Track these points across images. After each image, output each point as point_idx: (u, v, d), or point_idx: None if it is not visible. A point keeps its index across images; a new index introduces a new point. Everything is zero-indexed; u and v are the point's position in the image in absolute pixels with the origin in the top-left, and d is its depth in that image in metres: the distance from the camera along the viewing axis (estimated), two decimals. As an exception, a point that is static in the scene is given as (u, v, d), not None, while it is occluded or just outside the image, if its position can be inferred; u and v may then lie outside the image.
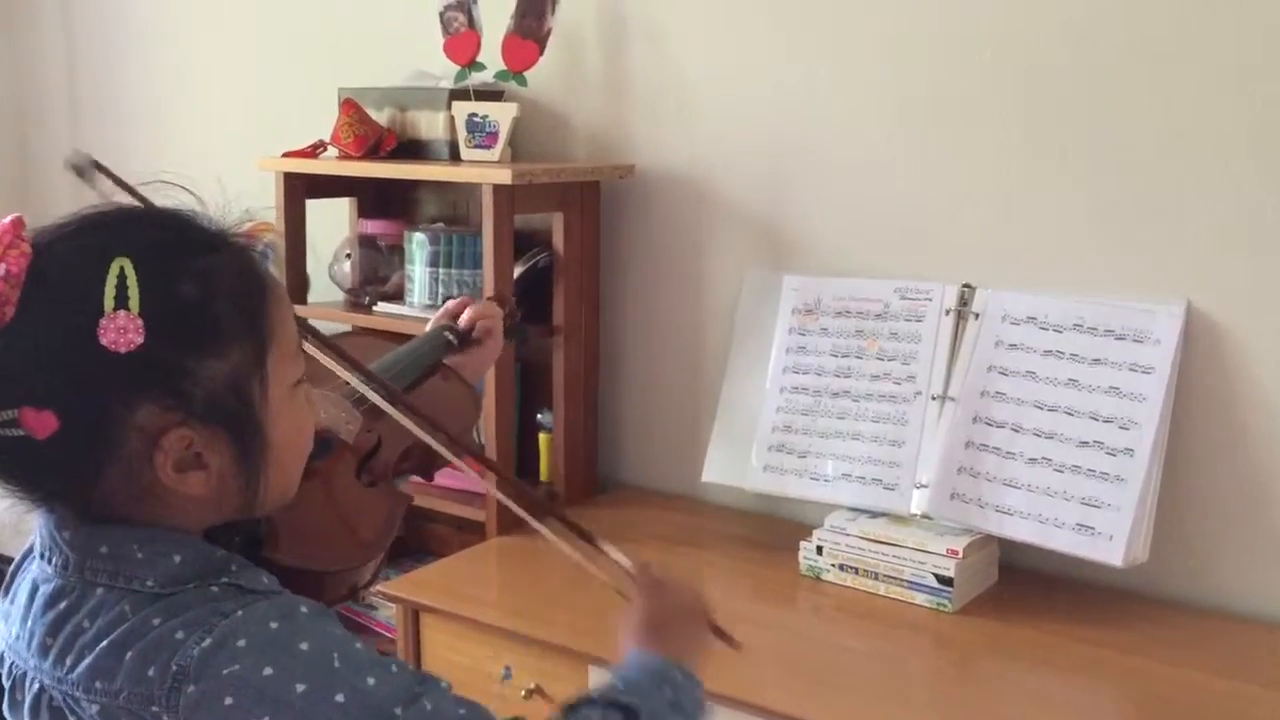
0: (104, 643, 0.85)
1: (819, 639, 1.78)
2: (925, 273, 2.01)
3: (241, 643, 0.83)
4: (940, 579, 1.81)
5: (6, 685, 0.93)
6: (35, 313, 0.83)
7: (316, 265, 2.45)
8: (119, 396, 0.84)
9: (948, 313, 1.96)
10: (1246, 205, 1.77)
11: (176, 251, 0.87)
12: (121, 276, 0.83)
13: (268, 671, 0.82)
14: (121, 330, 0.83)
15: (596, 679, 1.67)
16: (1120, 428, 1.78)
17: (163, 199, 0.92)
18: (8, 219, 0.85)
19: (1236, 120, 1.76)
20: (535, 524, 1.26)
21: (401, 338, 1.50)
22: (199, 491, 0.89)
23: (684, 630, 1.13)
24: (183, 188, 0.92)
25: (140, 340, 0.83)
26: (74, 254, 0.85)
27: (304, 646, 0.84)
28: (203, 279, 0.87)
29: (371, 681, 0.84)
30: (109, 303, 0.83)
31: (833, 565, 1.91)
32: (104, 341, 0.82)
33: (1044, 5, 1.88)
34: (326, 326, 2.25)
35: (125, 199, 0.93)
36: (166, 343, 0.84)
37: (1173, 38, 1.79)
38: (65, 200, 0.91)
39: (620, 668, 1.05)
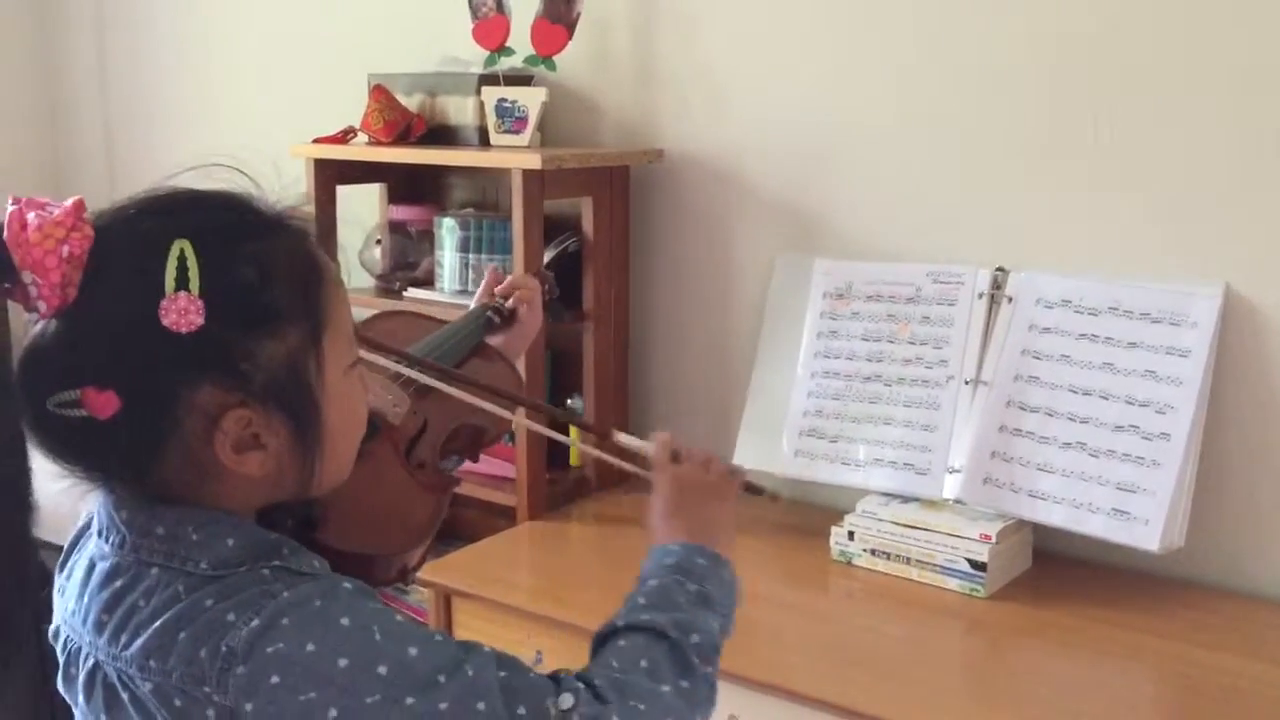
0: (158, 623, 0.86)
1: (851, 624, 1.78)
2: (958, 256, 1.99)
3: (286, 621, 0.84)
4: (973, 564, 1.80)
5: (61, 660, 0.94)
6: (97, 294, 0.85)
7: (347, 252, 2.46)
8: (180, 377, 0.85)
9: (980, 296, 1.95)
10: (1285, 187, 1.75)
11: (235, 234, 0.88)
12: (182, 258, 0.84)
13: (310, 648, 0.83)
14: (183, 311, 0.84)
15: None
16: (1156, 412, 1.76)
17: (217, 182, 0.92)
18: (69, 201, 0.86)
19: (1275, 98, 1.73)
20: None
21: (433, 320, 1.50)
22: (257, 472, 0.90)
23: (705, 503, 1.10)
24: (238, 170, 0.92)
25: (201, 321, 0.84)
26: (135, 236, 0.86)
27: (345, 622, 0.84)
28: (261, 261, 0.88)
29: (414, 652, 0.85)
30: (170, 284, 0.84)
31: (865, 550, 1.90)
32: (165, 322, 0.83)
33: (1079, -14, 1.86)
34: (357, 313, 2.26)
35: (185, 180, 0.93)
36: (226, 324, 0.85)
37: (1211, 15, 1.77)
38: (98, 193, 0.91)
39: (642, 572, 1.03)
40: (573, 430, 2.30)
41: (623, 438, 1.21)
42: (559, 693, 0.88)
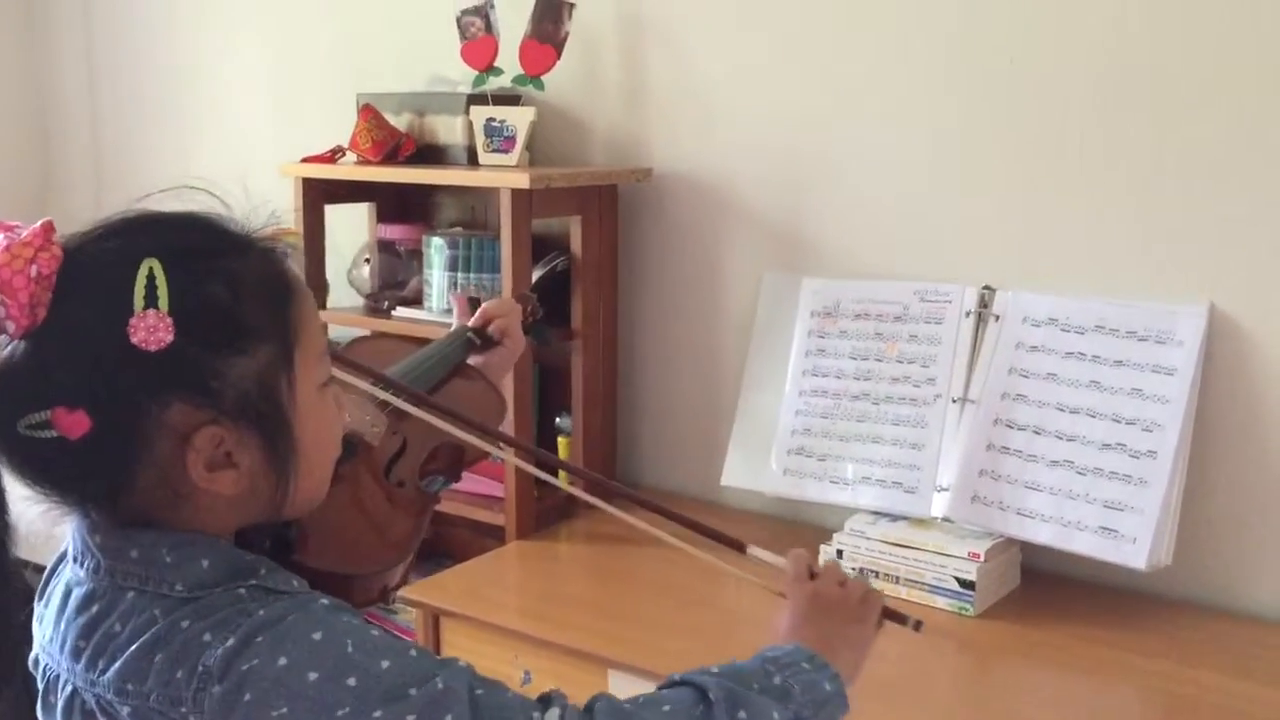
0: (135, 646, 0.85)
1: (840, 643, 1.77)
2: (945, 275, 2.00)
3: (260, 639, 0.84)
4: (961, 582, 1.80)
5: (40, 687, 0.94)
6: (67, 313, 0.85)
7: (335, 271, 2.46)
8: (150, 395, 0.85)
9: (968, 315, 1.95)
10: (1270, 205, 1.76)
11: (204, 253, 0.89)
12: (151, 277, 0.84)
13: (282, 662, 0.83)
14: (151, 329, 0.84)
15: (615, 683, 1.67)
16: (1143, 430, 1.77)
17: (188, 203, 0.93)
18: (38, 223, 0.86)
19: (1259, 119, 1.75)
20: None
21: (420, 342, 1.50)
22: (230, 491, 0.89)
23: (840, 622, 1.08)
24: (208, 192, 0.93)
25: (170, 339, 0.84)
26: (104, 255, 0.87)
27: (317, 636, 0.84)
28: (230, 279, 0.88)
29: (385, 664, 0.84)
30: (139, 302, 0.84)
31: (853, 569, 1.90)
32: (134, 340, 0.83)
33: (1063, 8, 1.87)
34: (345, 332, 2.26)
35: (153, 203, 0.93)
36: (195, 341, 0.85)
37: (1192, 38, 1.78)
38: (86, 208, 0.92)
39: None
40: (562, 443, 2.31)
41: (757, 552, 1.18)
42: (545, 709, 0.88)
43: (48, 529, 0.92)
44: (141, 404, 0.85)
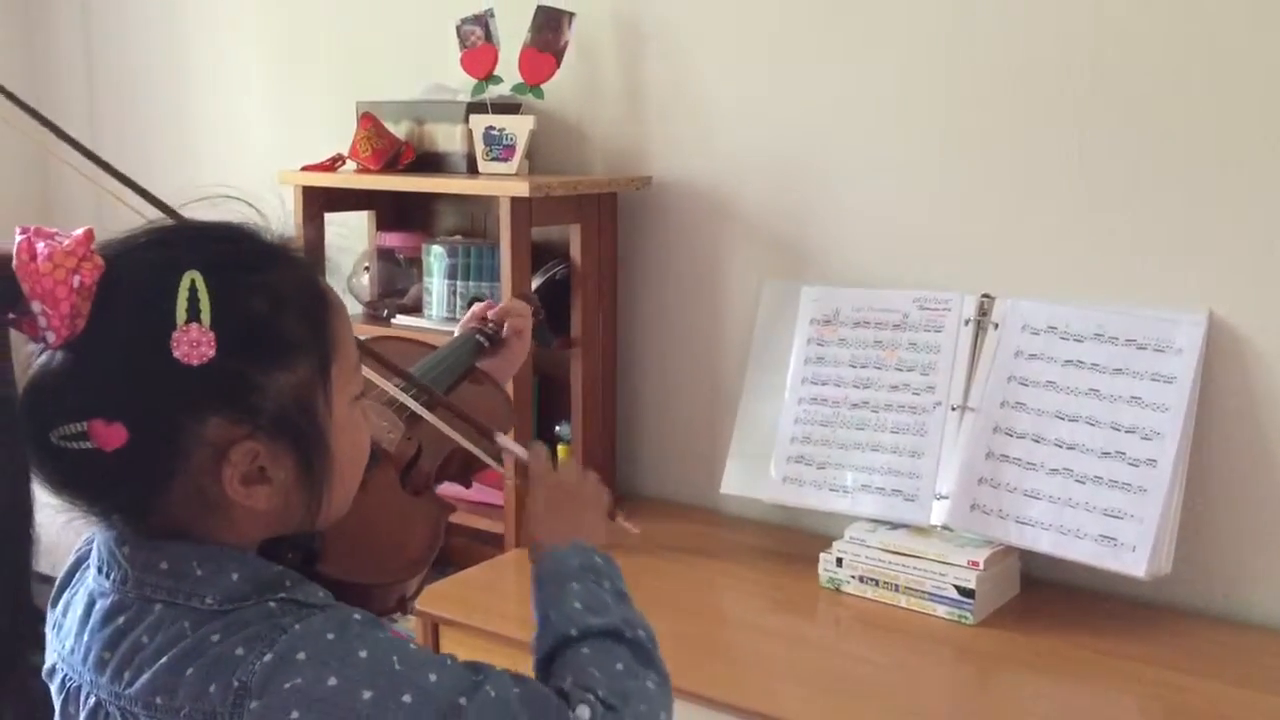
0: (164, 659, 0.85)
1: (839, 651, 1.77)
2: (944, 282, 2.00)
3: (301, 656, 0.83)
4: (961, 591, 1.80)
5: (59, 699, 0.93)
6: (107, 324, 0.84)
7: (335, 279, 2.46)
8: (189, 409, 0.84)
9: (967, 323, 1.95)
10: (1269, 213, 1.76)
11: (245, 265, 0.88)
12: (193, 289, 0.83)
13: (332, 682, 0.82)
14: (194, 343, 0.83)
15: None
16: (1142, 438, 1.77)
17: (223, 213, 0.92)
18: (79, 231, 0.85)
19: (1258, 126, 1.75)
20: (425, 414, 1.24)
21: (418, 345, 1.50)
22: (263, 505, 0.89)
23: (583, 509, 1.15)
24: (245, 201, 0.92)
25: (212, 353, 0.83)
26: (145, 266, 0.86)
27: (363, 654, 0.84)
28: (270, 293, 0.87)
29: (433, 678, 0.85)
30: (181, 315, 0.83)
31: (853, 577, 1.90)
32: (176, 354, 0.83)
33: (1061, 16, 1.88)
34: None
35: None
36: (236, 356, 0.84)
37: (1191, 45, 1.79)
38: (85, 216, 0.91)
39: (544, 575, 1.06)
40: (561, 450, 2.31)
41: (504, 440, 1.24)
42: (573, 705, 0.90)
43: (70, 540, 0.91)
44: (180, 418, 0.84)
